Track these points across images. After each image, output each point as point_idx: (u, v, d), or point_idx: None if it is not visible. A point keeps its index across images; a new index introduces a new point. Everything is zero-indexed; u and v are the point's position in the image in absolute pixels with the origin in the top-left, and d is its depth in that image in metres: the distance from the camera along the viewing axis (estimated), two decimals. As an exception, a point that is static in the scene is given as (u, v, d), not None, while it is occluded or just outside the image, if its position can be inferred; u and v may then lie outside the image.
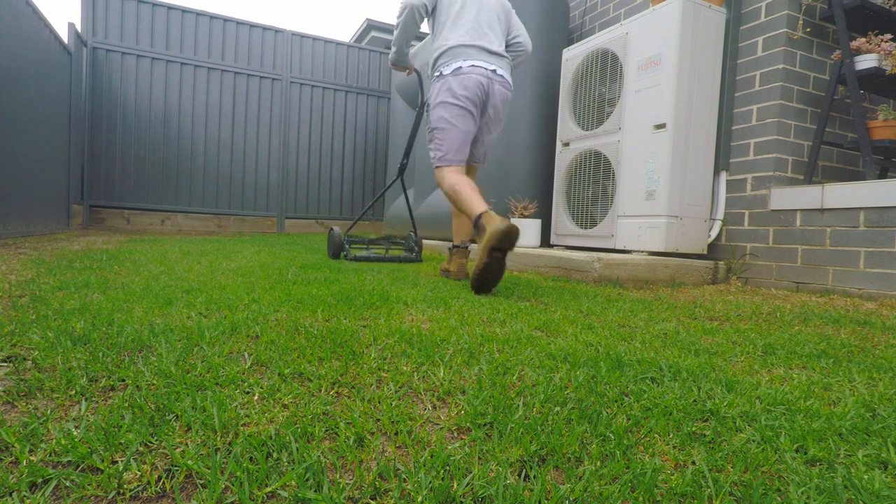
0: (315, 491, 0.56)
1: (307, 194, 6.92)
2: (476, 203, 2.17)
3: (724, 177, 2.97)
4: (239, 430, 0.70)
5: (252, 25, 6.52)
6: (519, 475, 0.63)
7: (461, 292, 2.06)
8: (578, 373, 1.01)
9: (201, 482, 0.58)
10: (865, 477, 0.63)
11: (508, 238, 1.96)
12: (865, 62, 2.54)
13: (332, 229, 3.42)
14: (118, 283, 1.85)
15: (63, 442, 0.63)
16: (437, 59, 2.42)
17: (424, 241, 4.64)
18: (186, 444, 0.65)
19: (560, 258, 2.88)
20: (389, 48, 7.91)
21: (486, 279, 2.04)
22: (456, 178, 2.31)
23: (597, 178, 3.28)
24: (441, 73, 2.38)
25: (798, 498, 0.59)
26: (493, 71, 2.36)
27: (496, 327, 1.43)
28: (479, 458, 0.66)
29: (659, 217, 2.79)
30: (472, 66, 2.32)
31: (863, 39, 2.56)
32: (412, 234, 3.59)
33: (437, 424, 0.77)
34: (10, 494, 0.54)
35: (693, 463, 0.67)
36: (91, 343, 1.05)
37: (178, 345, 1.06)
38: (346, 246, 3.45)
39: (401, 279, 2.40)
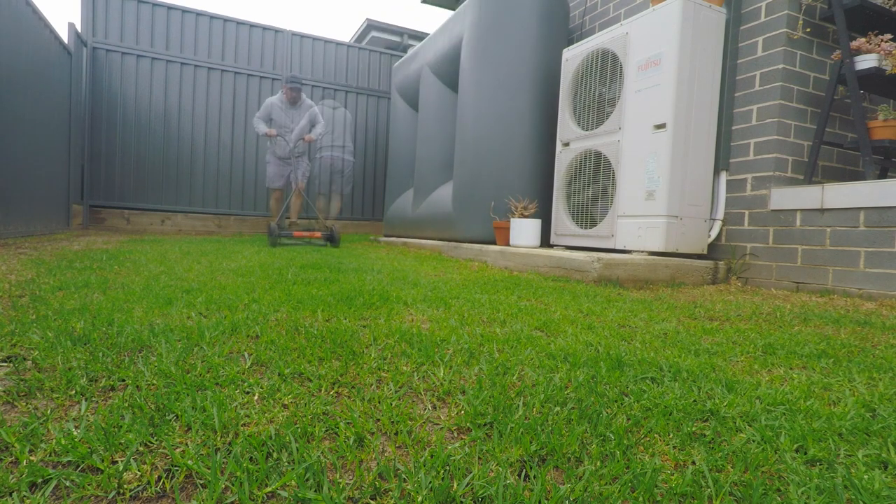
0: (315, 491, 0.56)
1: (307, 194, 6.91)
2: (276, 217, 5.35)
3: (724, 177, 2.97)
4: (239, 430, 0.70)
5: (252, 25, 6.52)
6: (519, 475, 0.63)
7: (461, 292, 2.06)
8: (578, 373, 1.01)
9: (201, 482, 0.58)
10: (865, 477, 0.63)
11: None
12: (865, 62, 2.54)
13: (269, 224, 4.81)
14: (118, 283, 1.85)
15: (63, 442, 0.63)
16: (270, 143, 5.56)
17: (424, 241, 4.67)
18: (186, 444, 0.65)
19: (560, 258, 2.88)
20: (390, 48, 8.87)
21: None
22: (275, 201, 5.70)
23: (597, 178, 3.28)
24: (270, 148, 5.56)
25: (798, 498, 0.59)
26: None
27: (496, 327, 1.43)
28: (479, 458, 0.66)
29: (659, 217, 2.79)
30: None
31: (863, 39, 2.56)
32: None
33: (437, 424, 0.77)
34: (10, 494, 0.54)
35: (693, 463, 0.67)
36: (91, 343, 1.05)
37: (178, 345, 1.06)
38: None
39: (401, 279, 2.40)
